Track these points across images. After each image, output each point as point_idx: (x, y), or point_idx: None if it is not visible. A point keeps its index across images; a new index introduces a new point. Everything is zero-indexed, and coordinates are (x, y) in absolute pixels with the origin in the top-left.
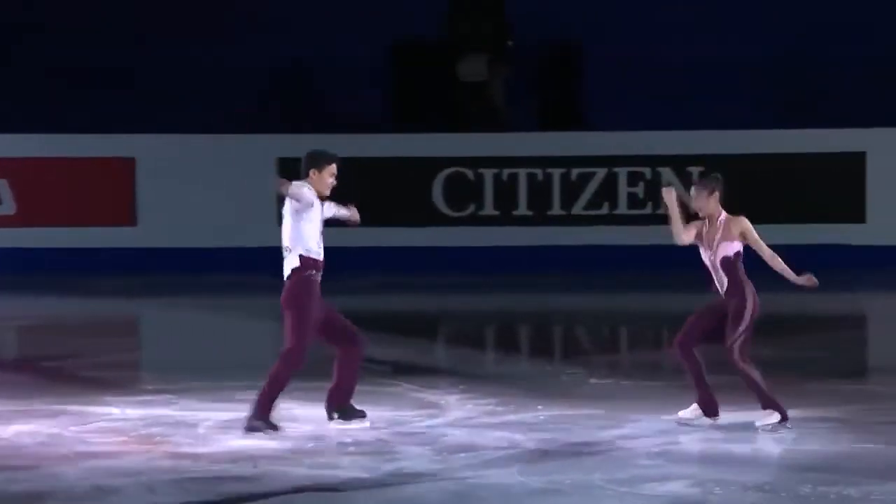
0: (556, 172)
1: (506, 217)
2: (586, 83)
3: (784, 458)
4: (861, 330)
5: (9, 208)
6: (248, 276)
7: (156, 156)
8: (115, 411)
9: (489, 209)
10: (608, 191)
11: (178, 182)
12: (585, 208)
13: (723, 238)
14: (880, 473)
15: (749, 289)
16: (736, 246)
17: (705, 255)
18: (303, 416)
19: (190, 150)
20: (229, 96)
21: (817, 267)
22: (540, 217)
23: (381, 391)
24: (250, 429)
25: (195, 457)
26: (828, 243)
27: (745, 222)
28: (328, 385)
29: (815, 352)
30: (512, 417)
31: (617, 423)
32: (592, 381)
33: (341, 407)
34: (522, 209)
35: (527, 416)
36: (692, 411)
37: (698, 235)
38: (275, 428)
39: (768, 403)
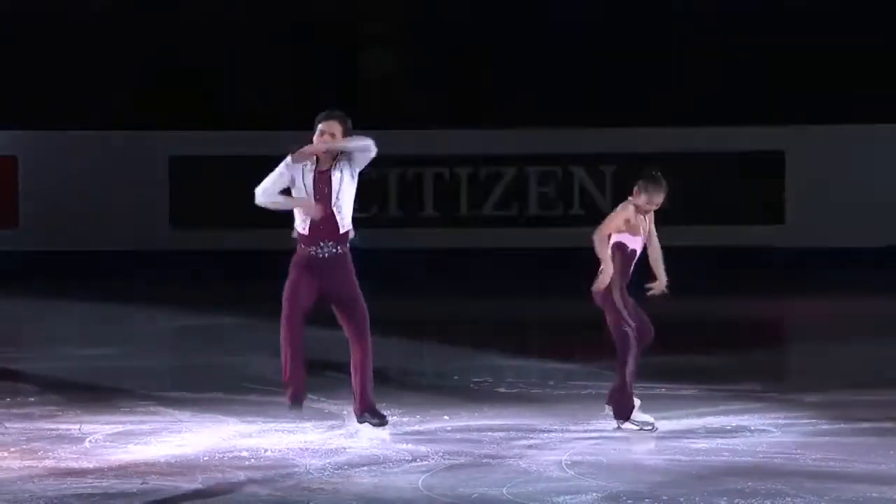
0: (464, 172)
1: (411, 219)
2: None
3: (699, 468)
4: (778, 334)
5: None
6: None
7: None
8: None
9: (394, 210)
10: (518, 191)
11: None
12: (494, 209)
13: (650, 231)
14: (798, 483)
15: None
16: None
17: (637, 245)
18: (198, 426)
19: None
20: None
21: (736, 269)
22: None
23: (279, 402)
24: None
25: (80, 472)
26: (746, 245)
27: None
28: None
29: (729, 358)
30: (417, 428)
31: (526, 434)
32: (501, 389)
33: None
34: (429, 210)
35: (432, 426)
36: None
37: (632, 226)
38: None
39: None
